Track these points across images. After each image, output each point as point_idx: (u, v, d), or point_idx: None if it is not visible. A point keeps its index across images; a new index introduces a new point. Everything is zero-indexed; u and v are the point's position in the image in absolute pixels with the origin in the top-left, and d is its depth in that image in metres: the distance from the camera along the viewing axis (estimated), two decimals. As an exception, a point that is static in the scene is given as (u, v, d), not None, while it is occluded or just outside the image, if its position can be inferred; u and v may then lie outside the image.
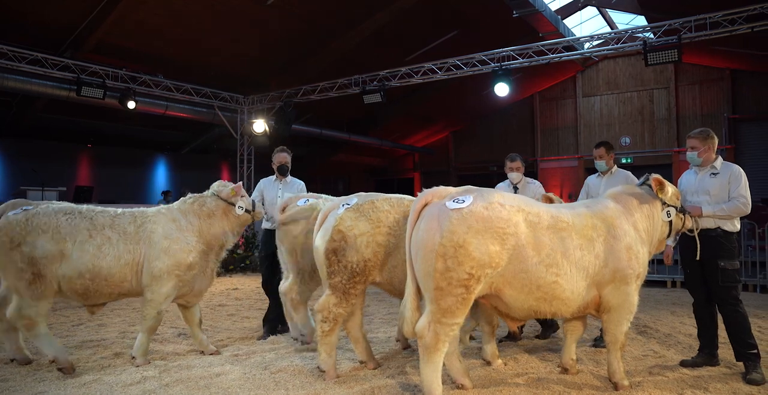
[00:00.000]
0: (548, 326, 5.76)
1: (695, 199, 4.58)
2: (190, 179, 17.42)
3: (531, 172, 20.46)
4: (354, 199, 4.24)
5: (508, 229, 3.43)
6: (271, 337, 5.68)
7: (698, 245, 4.40)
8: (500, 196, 3.60)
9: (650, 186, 4.19)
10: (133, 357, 4.66)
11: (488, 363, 4.56)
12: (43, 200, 10.57)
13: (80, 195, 11.85)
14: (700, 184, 4.59)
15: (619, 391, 3.91)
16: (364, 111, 16.64)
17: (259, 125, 13.39)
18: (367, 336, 4.65)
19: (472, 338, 5.51)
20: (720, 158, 4.64)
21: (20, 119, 13.82)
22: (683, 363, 4.61)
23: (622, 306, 3.86)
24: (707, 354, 4.62)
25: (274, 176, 6.10)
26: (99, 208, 4.73)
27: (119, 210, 4.75)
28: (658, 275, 9.82)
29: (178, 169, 18.46)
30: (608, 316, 3.90)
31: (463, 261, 3.35)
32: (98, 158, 16.35)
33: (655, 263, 9.36)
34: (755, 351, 4.30)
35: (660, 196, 4.14)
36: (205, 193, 5.11)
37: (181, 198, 5.05)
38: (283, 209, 4.85)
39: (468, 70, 11.20)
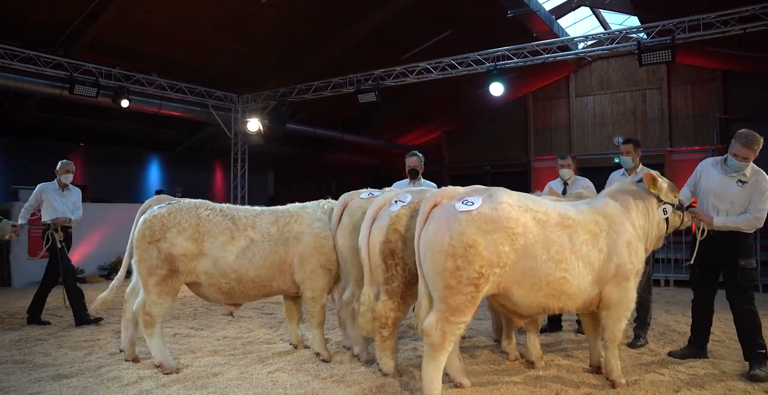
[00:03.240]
0: (555, 323, 5.86)
1: (712, 202, 4.50)
2: (184, 178, 17.32)
3: (524, 172, 20.52)
4: (408, 196, 4.10)
5: (516, 229, 3.46)
6: (267, 337, 5.67)
7: (696, 249, 4.44)
8: (508, 196, 3.62)
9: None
10: (318, 354, 4.76)
11: (531, 363, 4.57)
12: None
13: (73, 194, 11.75)
14: (723, 188, 4.48)
15: (616, 389, 3.94)
16: (358, 110, 16.61)
17: (253, 124, 13.35)
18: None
19: (463, 337, 5.53)
20: (752, 164, 4.45)
21: (12, 117, 13.67)
22: (671, 354, 4.72)
23: (621, 303, 3.91)
24: (697, 348, 4.71)
25: (407, 180, 6.33)
26: (236, 206, 4.79)
27: (257, 209, 4.82)
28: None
29: (172, 168, 18.34)
30: (608, 313, 3.94)
31: (473, 260, 3.37)
32: (91, 156, 16.20)
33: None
34: (764, 351, 4.32)
35: (653, 191, 4.16)
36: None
37: (317, 201, 5.03)
38: (344, 207, 4.60)
39: (463, 69, 11.21)
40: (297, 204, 4.95)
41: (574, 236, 3.67)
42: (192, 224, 4.37)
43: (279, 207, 4.91)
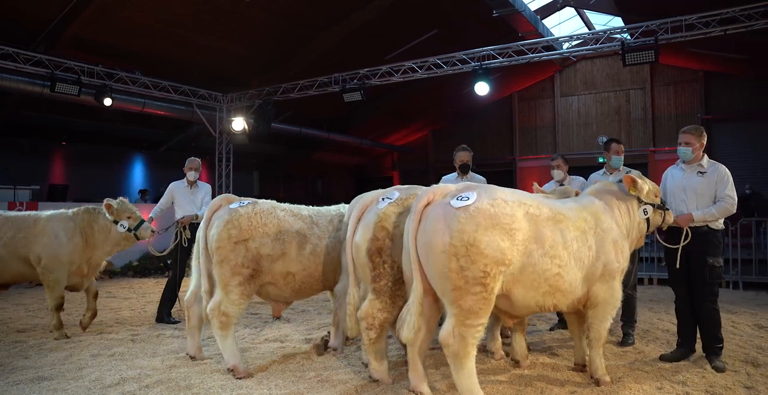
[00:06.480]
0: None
1: (680, 197, 4.68)
2: (168, 178, 17.10)
3: (509, 171, 20.63)
4: (396, 193, 4.00)
5: (514, 224, 3.38)
6: (252, 337, 5.63)
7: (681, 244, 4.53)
8: (502, 192, 3.56)
9: None
10: (335, 349, 4.91)
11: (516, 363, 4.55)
12: (15, 199, 10.35)
13: (54, 194, 11.59)
14: (686, 181, 4.69)
15: (601, 387, 3.95)
16: (344, 110, 16.58)
17: (238, 123, 13.25)
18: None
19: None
20: (706, 157, 4.73)
21: (-8, 115, 13.46)
22: (663, 358, 4.73)
23: (608, 301, 3.92)
24: (686, 349, 4.74)
25: (455, 174, 6.19)
26: (296, 206, 4.81)
27: (313, 208, 4.86)
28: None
29: (156, 167, 18.14)
30: (594, 312, 3.94)
31: (476, 259, 3.25)
32: (73, 155, 15.98)
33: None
34: (721, 345, 4.57)
35: (633, 193, 4.21)
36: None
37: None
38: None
39: (448, 69, 11.22)
40: (343, 204, 4.96)
41: (565, 232, 3.64)
42: (275, 224, 4.40)
43: (327, 207, 4.96)
